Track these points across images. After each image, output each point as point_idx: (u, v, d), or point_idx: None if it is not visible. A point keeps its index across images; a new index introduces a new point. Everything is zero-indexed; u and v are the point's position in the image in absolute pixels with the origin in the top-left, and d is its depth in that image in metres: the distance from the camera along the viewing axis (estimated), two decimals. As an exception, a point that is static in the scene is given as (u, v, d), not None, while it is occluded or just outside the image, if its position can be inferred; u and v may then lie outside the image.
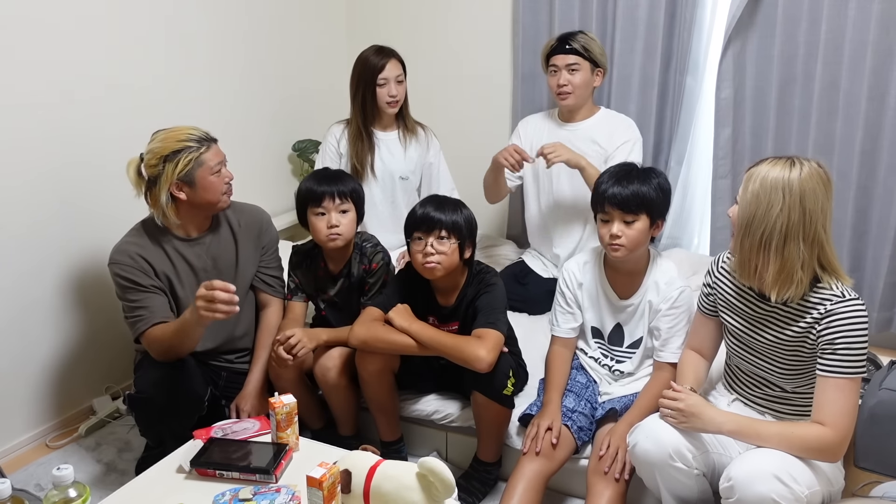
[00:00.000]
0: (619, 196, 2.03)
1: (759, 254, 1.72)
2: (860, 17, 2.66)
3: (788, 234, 1.68)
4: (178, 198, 2.15)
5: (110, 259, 2.18)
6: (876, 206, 2.80)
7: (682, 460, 1.77)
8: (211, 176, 2.15)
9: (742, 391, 1.97)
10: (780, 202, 1.67)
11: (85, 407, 2.69)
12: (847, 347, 1.67)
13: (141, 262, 2.16)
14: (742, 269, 1.79)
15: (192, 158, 2.11)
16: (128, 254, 2.16)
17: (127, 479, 2.18)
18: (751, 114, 2.96)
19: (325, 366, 2.24)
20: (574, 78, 2.69)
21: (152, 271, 2.18)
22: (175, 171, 2.10)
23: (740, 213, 1.74)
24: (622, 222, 2.04)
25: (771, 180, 1.69)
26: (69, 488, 1.40)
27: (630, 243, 2.05)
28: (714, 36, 3.02)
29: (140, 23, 2.69)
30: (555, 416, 2.09)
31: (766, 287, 1.74)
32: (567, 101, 2.73)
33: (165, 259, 2.22)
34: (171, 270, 2.22)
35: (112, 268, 2.17)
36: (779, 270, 1.70)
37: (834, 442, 1.67)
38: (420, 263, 2.12)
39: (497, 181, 2.85)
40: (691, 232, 3.33)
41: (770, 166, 1.71)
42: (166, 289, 2.21)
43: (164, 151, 2.10)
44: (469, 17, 3.48)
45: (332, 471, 1.54)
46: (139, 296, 2.14)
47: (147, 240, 2.21)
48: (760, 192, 1.69)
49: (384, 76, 2.75)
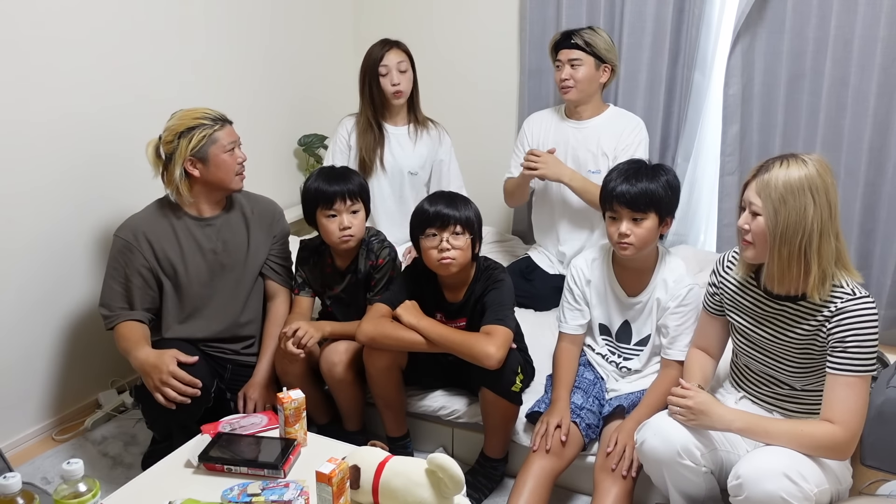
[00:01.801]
0: (628, 194, 2.02)
1: (800, 259, 1.68)
2: (870, 13, 2.64)
3: (823, 232, 1.66)
4: (192, 175, 2.21)
5: (117, 229, 2.25)
6: (884, 204, 2.79)
7: (691, 458, 1.77)
8: (224, 154, 2.20)
9: (750, 389, 1.97)
10: (812, 203, 1.65)
11: (91, 401, 2.70)
12: (858, 345, 1.66)
13: (141, 244, 2.22)
14: (782, 279, 1.74)
15: (206, 135, 2.17)
16: (132, 231, 2.23)
17: (133, 472, 2.19)
18: (759, 110, 2.95)
19: (331, 361, 2.24)
20: (576, 73, 2.68)
21: (151, 251, 2.23)
22: (189, 147, 2.16)
23: (770, 224, 1.68)
24: (631, 220, 2.03)
25: (795, 182, 1.66)
26: (79, 482, 1.40)
27: (639, 242, 2.04)
28: (723, 32, 3.00)
29: (148, 19, 2.68)
30: (564, 413, 2.09)
31: (809, 290, 1.70)
32: (569, 95, 2.72)
33: (172, 236, 2.26)
34: (174, 249, 2.25)
35: (115, 240, 2.25)
36: (821, 270, 1.68)
37: (843, 440, 1.66)
38: (436, 260, 2.11)
39: (524, 190, 2.86)
40: (698, 228, 3.32)
41: (783, 170, 1.68)
42: (160, 272, 2.25)
43: (179, 128, 2.17)
44: (476, 13, 3.47)
45: (342, 466, 1.54)
46: (119, 286, 2.23)
47: (158, 215, 2.27)
48: (788, 197, 1.65)
49: (385, 64, 2.75)
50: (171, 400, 2.04)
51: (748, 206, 1.75)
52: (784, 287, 1.76)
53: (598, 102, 2.80)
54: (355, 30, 3.72)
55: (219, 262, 2.31)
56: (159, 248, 2.24)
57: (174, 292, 2.28)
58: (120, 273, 2.23)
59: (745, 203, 1.76)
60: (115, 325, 2.22)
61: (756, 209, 1.72)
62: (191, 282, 2.28)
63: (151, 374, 2.05)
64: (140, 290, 2.24)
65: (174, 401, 2.04)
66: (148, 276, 2.24)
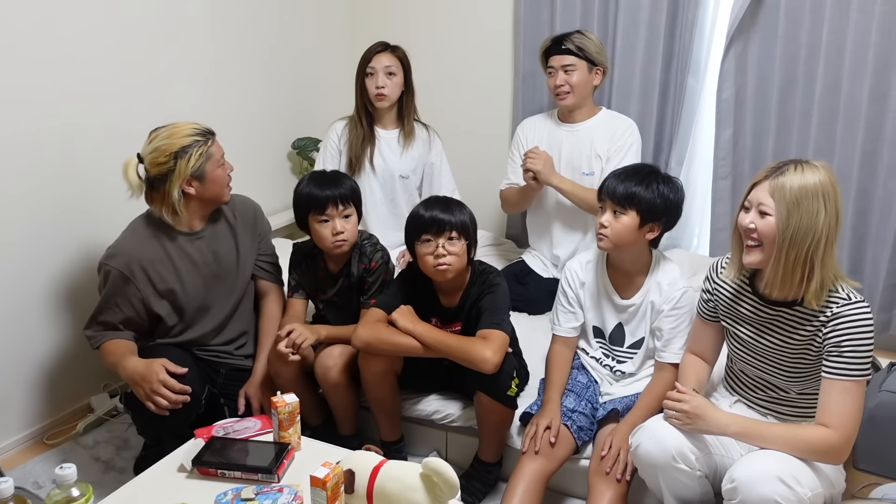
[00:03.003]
0: (613, 189, 2.07)
1: (805, 265, 1.69)
2: (862, 19, 2.67)
3: (829, 239, 1.67)
4: (188, 194, 2.15)
5: (104, 256, 2.17)
6: (876, 208, 2.81)
7: (685, 462, 1.77)
8: (218, 169, 2.18)
9: (744, 393, 1.97)
10: (824, 208, 1.66)
11: (83, 405, 2.68)
12: (853, 350, 1.67)
13: (136, 274, 2.16)
14: (783, 283, 1.74)
15: (203, 152, 2.12)
16: (125, 261, 2.15)
17: (125, 477, 2.18)
18: (752, 115, 2.96)
19: (325, 365, 2.23)
20: (571, 78, 2.69)
21: (147, 281, 2.18)
22: (188, 166, 2.09)
23: (781, 226, 1.68)
24: (612, 213, 2.06)
25: (811, 187, 1.66)
26: (72, 487, 1.39)
27: (614, 235, 2.06)
28: (716, 36, 3.03)
29: (139, 21, 2.67)
30: (554, 414, 2.09)
31: (808, 296, 1.70)
32: (565, 101, 2.73)
33: (165, 259, 2.21)
34: (170, 271, 2.22)
35: (103, 267, 2.16)
36: (822, 277, 1.69)
37: (838, 444, 1.67)
38: (432, 265, 2.10)
39: (528, 197, 2.87)
40: (691, 232, 3.33)
41: (798, 174, 1.68)
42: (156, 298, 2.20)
43: (172, 148, 2.08)
44: (470, 17, 3.48)
45: (336, 471, 1.54)
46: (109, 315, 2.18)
47: (147, 237, 2.20)
48: (803, 200, 1.66)
49: (372, 66, 2.75)
50: (162, 407, 2.02)
51: (756, 206, 1.73)
52: (783, 292, 1.76)
53: (591, 105, 2.81)
54: (350, 33, 3.72)
55: (212, 274, 2.29)
56: (155, 275, 2.19)
57: (173, 311, 2.26)
58: (111, 302, 2.17)
59: (752, 203, 1.75)
60: (101, 345, 2.18)
61: (766, 209, 1.71)
62: (188, 298, 2.25)
63: (141, 385, 2.03)
64: (129, 319, 2.20)
65: (165, 408, 2.02)
66: (139, 307, 2.19)
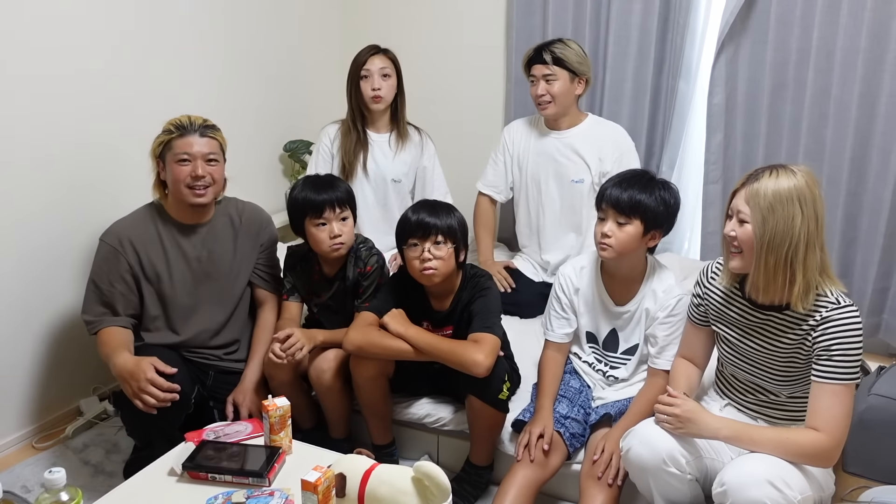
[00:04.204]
0: (616, 197, 2.04)
1: (786, 269, 1.70)
2: (852, 25, 2.68)
3: (809, 243, 1.68)
4: (164, 178, 2.23)
5: (104, 233, 2.23)
6: (865, 213, 2.83)
7: (676, 465, 1.77)
8: (174, 163, 2.18)
9: (735, 397, 1.98)
10: (801, 213, 1.67)
11: (72, 408, 2.66)
12: (843, 354, 1.68)
13: (126, 249, 2.21)
14: (766, 288, 1.75)
15: (163, 141, 2.18)
16: (117, 236, 2.22)
17: (115, 480, 2.16)
18: (742, 119, 2.98)
19: (320, 368, 2.22)
20: (552, 88, 2.69)
21: (136, 257, 2.22)
22: (153, 148, 2.21)
23: (758, 232, 1.70)
24: (615, 223, 2.05)
25: (784, 192, 1.68)
26: (61, 491, 1.38)
27: (618, 245, 2.05)
28: (707, 41, 3.04)
29: (138, 27, 2.67)
30: (547, 422, 2.09)
31: (793, 300, 1.72)
32: (547, 111, 2.74)
33: (157, 243, 2.25)
34: (159, 256, 2.24)
35: (101, 244, 2.22)
36: (805, 281, 1.70)
37: (829, 447, 1.68)
38: (418, 270, 2.10)
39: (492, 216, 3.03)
40: (682, 236, 3.34)
41: (773, 179, 1.70)
42: (143, 279, 2.23)
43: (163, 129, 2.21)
44: (463, 21, 3.48)
45: (327, 474, 1.53)
46: (103, 291, 2.21)
47: (144, 220, 2.26)
48: (777, 206, 1.67)
49: (368, 68, 2.75)
50: (150, 405, 2.01)
51: (735, 214, 1.76)
52: (768, 296, 1.77)
53: (575, 112, 2.82)
54: (342, 36, 3.72)
55: (203, 271, 2.29)
56: (144, 255, 2.23)
57: (157, 300, 2.26)
58: (104, 278, 2.21)
59: (733, 211, 1.77)
60: (99, 331, 2.20)
61: (744, 217, 1.73)
62: (175, 290, 2.26)
63: (129, 382, 2.02)
64: (123, 295, 2.22)
65: (153, 406, 2.01)
66: (131, 282, 2.22)
